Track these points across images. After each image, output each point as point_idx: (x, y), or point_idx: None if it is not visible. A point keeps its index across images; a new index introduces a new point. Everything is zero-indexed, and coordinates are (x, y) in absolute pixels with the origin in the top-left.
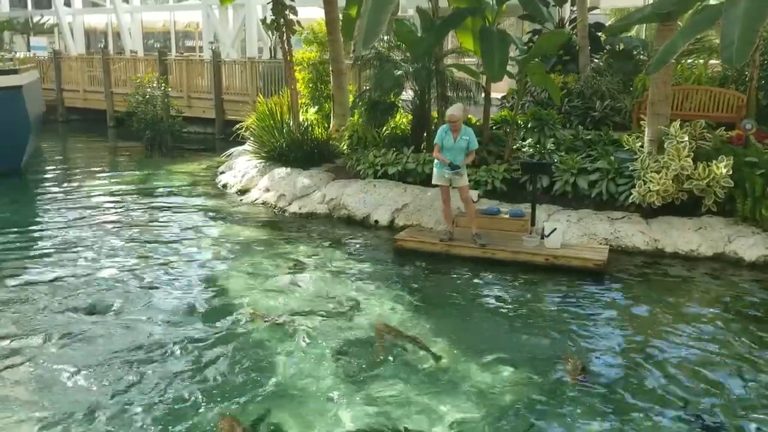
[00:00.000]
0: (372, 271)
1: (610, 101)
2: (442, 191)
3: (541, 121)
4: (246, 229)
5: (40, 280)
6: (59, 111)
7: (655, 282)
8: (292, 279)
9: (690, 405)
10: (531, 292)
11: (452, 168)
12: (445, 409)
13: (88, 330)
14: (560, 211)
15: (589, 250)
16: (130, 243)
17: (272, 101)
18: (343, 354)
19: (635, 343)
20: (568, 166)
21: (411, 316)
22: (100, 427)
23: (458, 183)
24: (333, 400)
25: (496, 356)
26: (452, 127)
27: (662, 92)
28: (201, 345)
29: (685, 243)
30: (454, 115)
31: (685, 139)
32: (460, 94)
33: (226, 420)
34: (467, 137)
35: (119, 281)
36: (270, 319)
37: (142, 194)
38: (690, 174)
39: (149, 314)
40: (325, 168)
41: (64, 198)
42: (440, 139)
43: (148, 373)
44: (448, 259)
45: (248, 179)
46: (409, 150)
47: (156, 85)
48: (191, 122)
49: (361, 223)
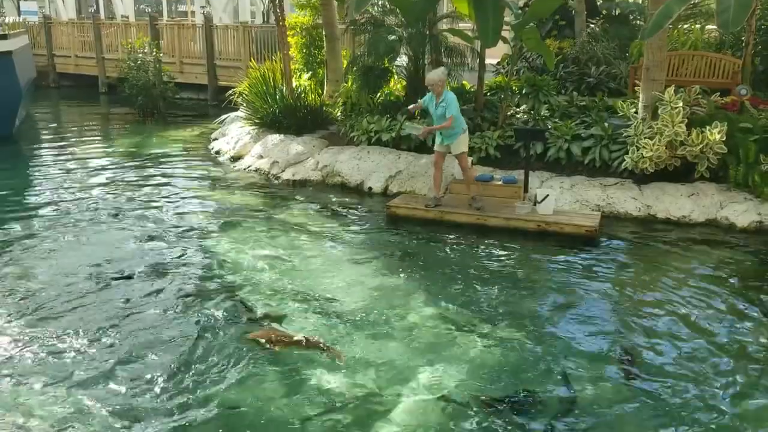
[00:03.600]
0: (364, 238)
1: (606, 67)
2: (437, 157)
3: (535, 87)
4: (239, 195)
5: (26, 243)
6: (50, 77)
7: (646, 247)
8: (283, 246)
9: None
10: (522, 258)
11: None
12: (431, 374)
13: (67, 301)
14: (553, 177)
15: (581, 217)
16: (121, 208)
17: (265, 67)
18: (334, 320)
19: (626, 307)
20: (562, 132)
21: (402, 283)
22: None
23: (456, 150)
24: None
25: (484, 321)
26: (432, 92)
27: (657, 58)
28: (182, 313)
29: (677, 209)
30: (431, 79)
31: (679, 105)
32: (455, 60)
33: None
34: (444, 104)
35: (108, 244)
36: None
37: (134, 160)
38: (683, 140)
39: (136, 279)
40: (319, 134)
41: (56, 164)
42: (425, 105)
43: (124, 338)
44: (440, 225)
45: (241, 146)
46: (403, 116)
47: (148, 50)
48: (184, 88)
49: (354, 190)
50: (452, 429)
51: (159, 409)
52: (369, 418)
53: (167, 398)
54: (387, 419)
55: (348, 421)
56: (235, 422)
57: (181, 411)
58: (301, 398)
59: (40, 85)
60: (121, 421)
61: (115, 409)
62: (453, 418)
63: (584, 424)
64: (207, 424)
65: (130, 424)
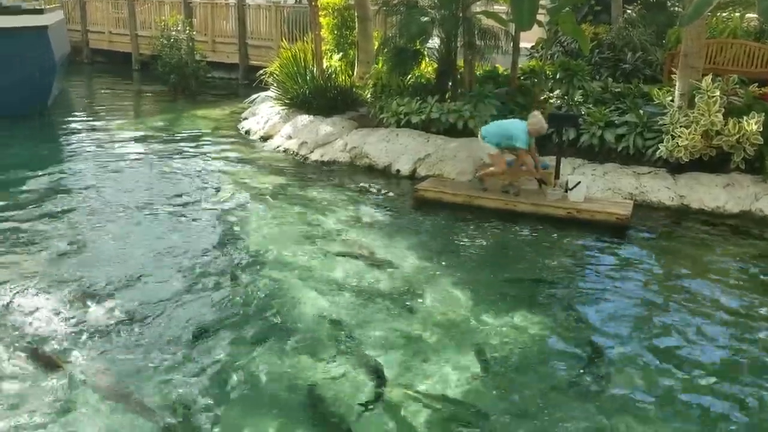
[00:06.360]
0: (391, 220)
1: (642, 53)
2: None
3: (569, 72)
4: (267, 175)
5: (59, 214)
6: (84, 52)
7: (678, 237)
8: (311, 225)
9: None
10: (552, 244)
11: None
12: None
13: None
14: (586, 164)
15: (612, 205)
16: (151, 185)
17: (296, 47)
18: (359, 300)
19: (654, 295)
20: (596, 118)
21: (427, 266)
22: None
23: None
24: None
25: (510, 306)
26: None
27: (696, 45)
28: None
29: (711, 199)
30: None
31: (716, 93)
32: (488, 43)
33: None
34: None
35: (138, 221)
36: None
37: (165, 138)
38: (720, 130)
39: (165, 256)
40: (348, 116)
41: (89, 138)
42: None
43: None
44: (469, 210)
45: (271, 126)
46: (433, 99)
47: (181, 28)
48: (215, 67)
49: (382, 172)
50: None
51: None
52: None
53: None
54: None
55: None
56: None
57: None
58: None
59: (74, 60)
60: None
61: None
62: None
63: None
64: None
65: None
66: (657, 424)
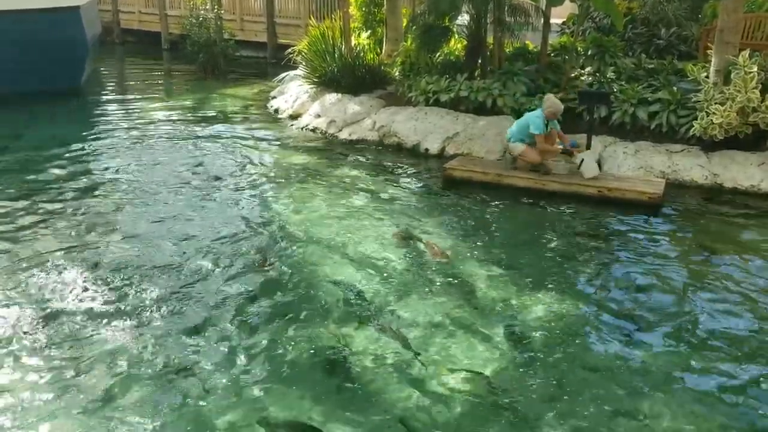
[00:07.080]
0: (421, 199)
1: (677, 29)
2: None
3: (601, 49)
4: (296, 153)
5: (92, 189)
6: (115, 32)
7: (711, 216)
8: (340, 204)
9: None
10: (583, 223)
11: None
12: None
13: (124, 254)
14: (617, 142)
15: (644, 183)
16: (182, 163)
17: (324, 25)
18: (394, 276)
19: (688, 274)
20: (628, 96)
21: (459, 244)
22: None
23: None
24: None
25: (543, 284)
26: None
27: (732, 20)
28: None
29: (746, 178)
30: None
31: (753, 69)
32: (518, 19)
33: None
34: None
35: (167, 202)
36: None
37: (194, 117)
38: (756, 107)
39: (196, 233)
40: (377, 94)
41: (120, 117)
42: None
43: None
44: (498, 188)
45: (299, 104)
46: (462, 77)
47: (209, 7)
48: (243, 46)
49: (411, 151)
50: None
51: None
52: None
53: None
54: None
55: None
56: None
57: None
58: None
59: (105, 40)
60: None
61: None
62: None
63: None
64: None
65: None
66: (694, 406)
